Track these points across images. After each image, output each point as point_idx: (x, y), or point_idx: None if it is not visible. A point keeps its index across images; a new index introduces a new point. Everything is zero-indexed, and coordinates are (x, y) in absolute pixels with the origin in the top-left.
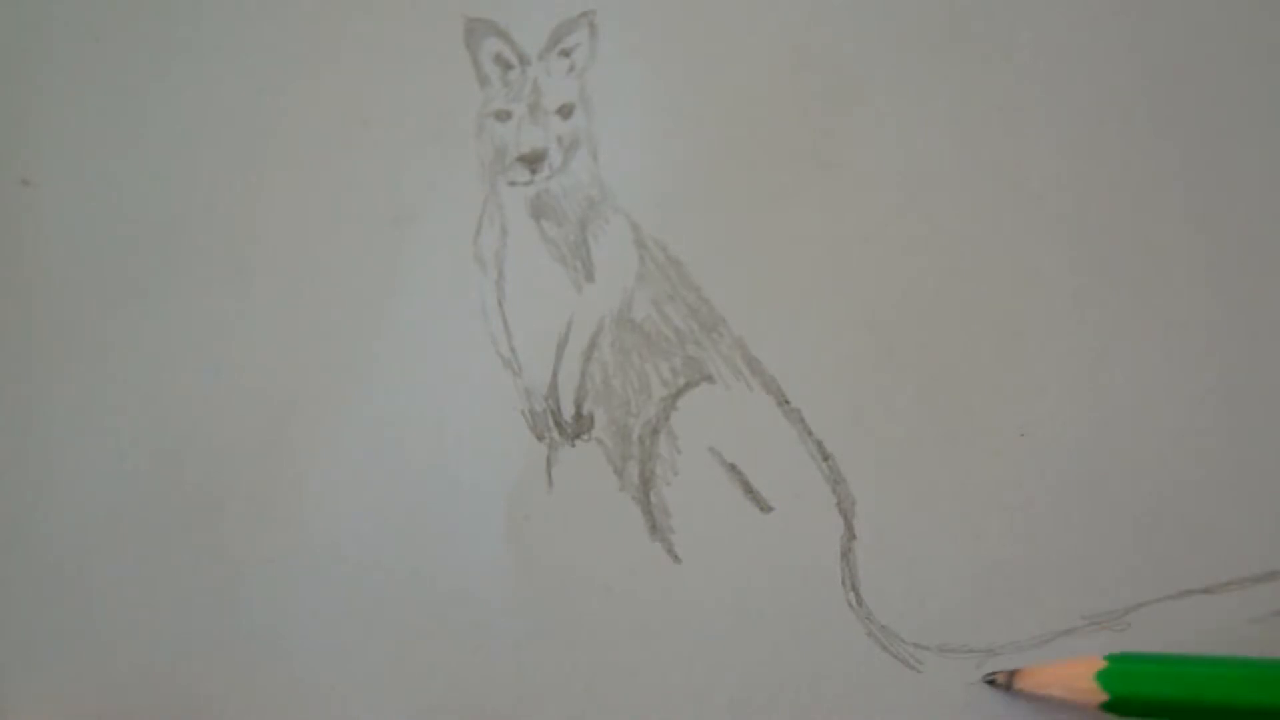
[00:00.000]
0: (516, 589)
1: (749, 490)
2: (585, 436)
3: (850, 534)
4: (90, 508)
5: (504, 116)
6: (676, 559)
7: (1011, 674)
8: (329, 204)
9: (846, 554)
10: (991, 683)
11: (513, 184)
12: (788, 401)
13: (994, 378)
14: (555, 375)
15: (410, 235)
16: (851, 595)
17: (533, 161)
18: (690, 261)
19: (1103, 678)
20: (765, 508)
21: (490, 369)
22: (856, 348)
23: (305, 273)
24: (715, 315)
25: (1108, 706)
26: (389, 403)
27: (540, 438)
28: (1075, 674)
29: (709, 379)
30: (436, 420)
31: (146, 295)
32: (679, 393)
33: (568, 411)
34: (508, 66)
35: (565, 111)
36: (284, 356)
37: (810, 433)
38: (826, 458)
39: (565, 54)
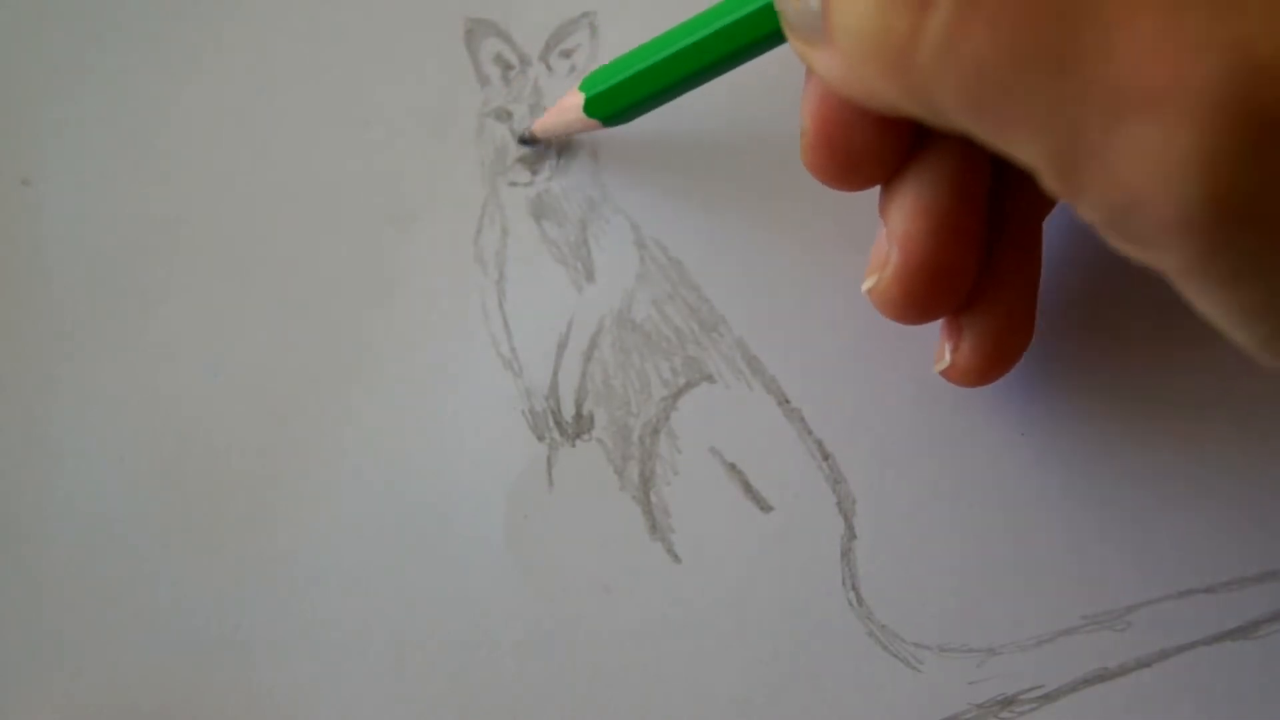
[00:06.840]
0: (516, 589)
1: (749, 490)
2: (585, 436)
3: (850, 534)
4: (90, 508)
5: (505, 116)
6: (676, 559)
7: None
8: (329, 204)
9: (846, 554)
10: (524, 140)
11: (513, 185)
12: (788, 401)
13: None
14: (555, 375)
15: (410, 235)
16: (851, 595)
17: (533, 161)
18: (690, 261)
19: (583, 85)
20: (765, 507)
21: (490, 369)
22: (856, 348)
23: (305, 273)
24: (715, 315)
25: (589, 107)
26: (389, 403)
27: (540, 438)
28: (567, 101)
29: (709, 379)
30: (436, 420)
31: (146, 295)
32: (679, 393)
33: (568, 411)
34: (508, 66)
35: None
36: (284, 356)
37: (810, 432)
38: (826, 458)
39: (566, 55)
